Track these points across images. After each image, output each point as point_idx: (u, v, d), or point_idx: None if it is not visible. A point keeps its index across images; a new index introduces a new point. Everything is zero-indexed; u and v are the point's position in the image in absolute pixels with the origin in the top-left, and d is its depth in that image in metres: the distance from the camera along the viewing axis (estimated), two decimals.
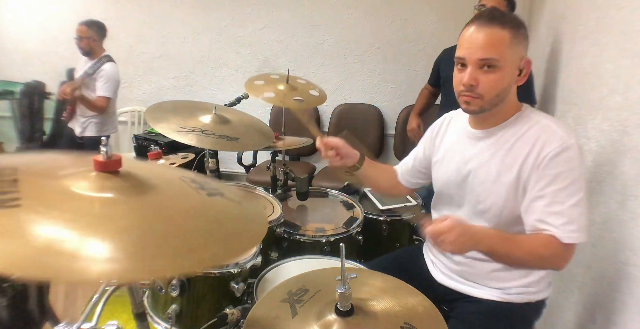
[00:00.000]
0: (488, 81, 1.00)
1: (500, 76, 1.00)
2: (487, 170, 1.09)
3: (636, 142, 1.10)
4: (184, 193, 0.64)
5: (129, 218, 0.53)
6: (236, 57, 3.28)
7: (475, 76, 1.00)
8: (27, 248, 0.43)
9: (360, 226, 1.59)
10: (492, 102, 1.03)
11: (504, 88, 1.02)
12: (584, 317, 1.31)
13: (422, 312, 0.84)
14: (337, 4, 3.02)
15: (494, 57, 0.98)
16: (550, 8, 2.08)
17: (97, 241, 0.47)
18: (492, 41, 0.98)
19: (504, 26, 0.98)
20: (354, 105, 3.19)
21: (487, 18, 1.00)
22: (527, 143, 1.03)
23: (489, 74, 0.99)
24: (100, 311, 0.94)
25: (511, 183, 1.04)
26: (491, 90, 1.01)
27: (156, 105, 1.43)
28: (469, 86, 1.01)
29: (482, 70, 1.00)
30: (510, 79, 1.02)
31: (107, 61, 2.82)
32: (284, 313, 0.83)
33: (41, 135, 3.45)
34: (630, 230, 1.10)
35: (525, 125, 1.06)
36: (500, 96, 1.03)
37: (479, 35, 0.99)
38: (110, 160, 0.57)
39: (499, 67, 0.99)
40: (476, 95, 1.01)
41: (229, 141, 1.35)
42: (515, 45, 0.99)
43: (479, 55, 0.98)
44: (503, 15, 1.01)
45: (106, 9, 3.34)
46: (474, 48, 0.99)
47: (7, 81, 3.50)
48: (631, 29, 1.19)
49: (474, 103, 1.03)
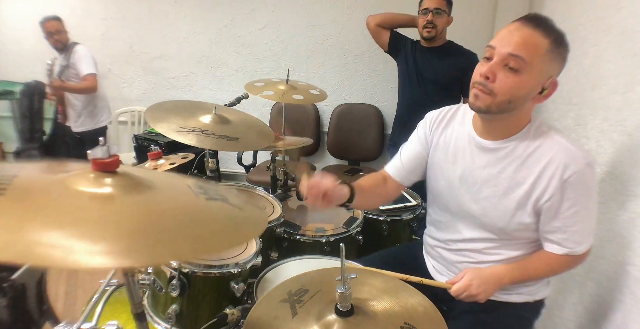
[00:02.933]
0: (506, 81, 0.94)
1: (520, 80, 0.94)
2: (496, 184, 1.06)
3: (636, 142, 1.10)
4: (182, 196, 0.65)
5: (125, 215, 0.53)
6: (236, 57, 3.28)
7: (495, 71, 0.94)
8: (21, 240, 0.44)
9: (360, 226, 1.59)
10: (501, 105, 0.96)
11: (519, 97, 0.96)
12: (584, 317, 1.31)
13: (422, 312, 0.84)
14: (337, 4, 3.02)
15: (522, 56, 0.91)
16: (550, 8, 2.08)
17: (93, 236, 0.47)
18: (528, 42, 0.92)
19: (547, 35, 0.93)
20: (354, 105, 3.19)
21: (534, 20, 0.95)
22: (541, 160, 0.99)
23: (509, 74, 0.94)
24: (100, 311, 0.95)
25: (521, 200, 1.03)
26: (505, 91, 0.95)
27: (156, 105, 1.43)
28: (485, 78, 0.95)
29: (504, 68, 0.94)
30: (529, 90, 0.96)
31: (75, 45, 2.85)
32: (284, 313, 0.83)
33: (41, 135, 3.44)
34: (630, 230, 1.10)
35: (537, 140, 1.01)
36: (512, 103, 0.96)
37: (519, 33, 0.93)
38: (108, 160, 0.57)
39: (523, 71, 0.93)
40: (488, 90, 0.96)
41: (229, 141, 1.35)
42: (549, 59, 0.94)
43: (509, 50, 0.92)
44: (552, 26, 0.95)
45: (106, 9, 3.34)
46: (507, 41, 0.93)
47: (7, 81, 3.50)
48: (631, 29, 1.19)
49: (482, 99, 0.97)
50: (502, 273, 1.08)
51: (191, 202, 0.63)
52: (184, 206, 0.62)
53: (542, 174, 0.99)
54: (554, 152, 0.98)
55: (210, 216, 0.62)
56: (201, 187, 0.69)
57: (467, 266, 1.16)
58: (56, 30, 2.78)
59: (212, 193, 0.68)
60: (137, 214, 0.54)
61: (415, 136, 1.26)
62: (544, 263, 1.07)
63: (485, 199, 1.08)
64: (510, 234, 1.08)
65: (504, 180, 1.04)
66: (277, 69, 3.22)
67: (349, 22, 3.05)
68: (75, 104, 2.91)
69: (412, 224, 1.76)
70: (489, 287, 1.06)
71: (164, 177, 0.74)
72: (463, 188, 1.12)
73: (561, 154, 0.97)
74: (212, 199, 0.65)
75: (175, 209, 0.59)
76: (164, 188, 0.64)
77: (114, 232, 0.48)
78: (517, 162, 1.03)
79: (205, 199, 0.65)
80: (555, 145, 0.99)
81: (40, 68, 3.52)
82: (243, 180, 3.09)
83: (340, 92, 3.22)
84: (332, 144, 3.22)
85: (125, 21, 3.35)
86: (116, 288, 1.13)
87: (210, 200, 0.65)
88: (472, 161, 1.10)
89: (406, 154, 1.26)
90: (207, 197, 0.65)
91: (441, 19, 2.16)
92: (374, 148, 3.15)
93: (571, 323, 1.37)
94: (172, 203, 0.61)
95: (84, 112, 2.93)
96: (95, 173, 0.57)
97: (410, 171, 1.25)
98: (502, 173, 1.05)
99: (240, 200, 0.70)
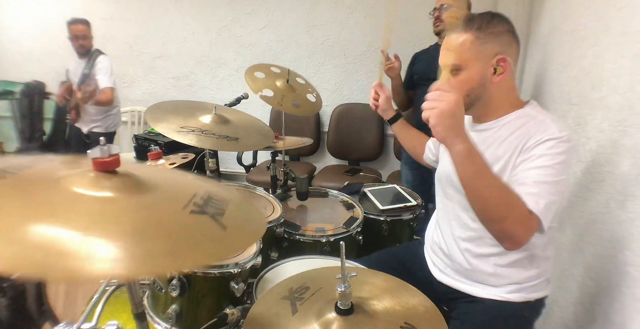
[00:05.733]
0: (456, 83, 1.08)
1: (465, 77, 1.07)
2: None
3: (636, 142, 1.10)
4: (167, 205, 0.61)
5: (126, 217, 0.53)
6: (236, 57, 3.28)
7: (447, 78, 1.09)
8: (25, 247, 0.43)
9: (360, 226, 1.59)
10: (471, 100, 1.09)
11: (473, 88, 1.08)
12: (583, 317, 1.31)
13: (422, 312, 0.84)
14: (337, 4, 3.02)
15: (453, 63, 1.07)
16: (550, 8, 2.08)
17: (97, 240, 0.47)
18: (451, 47, 1.08)
19: (466, 30, 1.06)
20: (354, 105, 3.19)
21: (455, 26, 1.09)
22: (519, 137, 1.05)
23: (455, 77, 1.08)
24: (100, 311, 0.94)
25: (500, 175, 1.05)
26: (459, 91, 1.00)
27: (156, 105, 1.43)
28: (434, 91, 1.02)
29: (452, 73, 1.08)
30: (480, 78, 1.07)
31: (99, 54, 2.82)
32: (284, 310, 0.84)
33: (41, 135, 3.45)
34: (630, 230, 1.10)
35: (521, 121, 1.08)
36: (471, 95, 1.08)
37: (444, 44, 1.10)
38: (109, 159, 0.57)
39: (462, 69, 1.07)
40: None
41: (229, 141, 1.35)
42: (480, 45, 1.04)
43: (443, 62, 1.09)
44: (471, 20, 1.07)
45: (106, 9, 3.34)
46: (441, 55, 1.10)
47: (7, 81, 3.50)
48: (631, 29, 1.19)
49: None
50: (468, 135, 0.95)
51: (173, 213, 0.59)
52: (163, 216, 0.57)
53: (516, 148, 1.04)
54: (532, 127, 1.04)
55: (181, 231, 0.56)
56: (203, 197, 0.65)
57: (469, 260, 1.16)
58: (83, 35, 2.75)
59: (209, 205, 0.63)
60: (126, 220, 0.53)
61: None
62: (501, 183, 0.95)
63: None
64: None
65: (488, 157, 1.03)
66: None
67: (349, 22, 3.05)
68: (89, 112, 2.90)
69: (412, 224, 1.76)
70: (448, 123, 0.92)
71: (170, 177, 0.73)
72: (453, 170, 1.13)
73: (534, 128, 1.03)
74: (199, 213, 0.60)
75: (153, 218, 0.56)
76: (160, 192, 0.62)
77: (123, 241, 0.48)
78: (499, 140, 1.09)
79: (190, 212, 0.59)
80: (536, 123, 1.04)
81: (40, 68, 3.54)
82: (243, 180, 3.09)
83: (340, 92, 3.22)
84: (332, 144, 3.22)
85: (125, 21, 3.35)
86: (116, 288, 1.13)
87: (195, 213, 0.60)
88: None
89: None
90: (195, 210, 0.60)
91: (448, 13, 2.18)
92: (374, 148, 3.15)
93: (571, 323, 1.37)
94: (155, 211, 0.58)
95: (97, 118, 2.94)
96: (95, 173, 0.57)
97: (431, 153, 1.46)
98: (486, 151, 1.09)
99: (235, 219, 0.64)
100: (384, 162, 3.29)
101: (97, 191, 0.55)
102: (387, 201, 1.80)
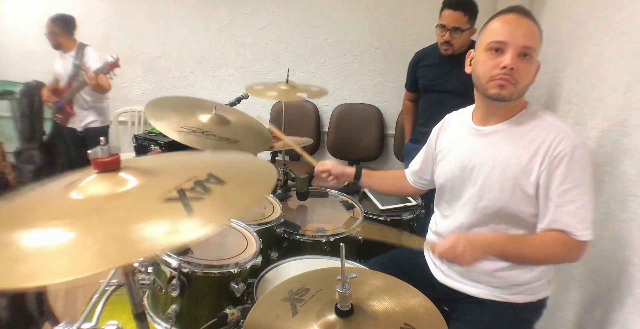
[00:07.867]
0: (526, 69, 1.02)
1: (532, 67, 1.04)
2: (493, 164, 1.09)
3: (636, 142, 1.10)
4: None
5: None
6: (236, 57, 3.28)
7: (515, 61, 1.01)
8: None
9: (360, 226, 1.59)
10: (521, 91, 1.05)
11: (530, 81, 1.06)
12: (584, 317, 1.30)
13: (423, 313, 0.84)
14: (337, 4, 3.02)
15: (532, 46, 1.01)
16: (550, 8, 2.08)
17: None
18: (532, 32, 1.02)
19: (536, 23, 1.04)
20: (354, 105, 3.19)
21: (524, 11, 1.04)
22: (535, 139, 1.04)
23: (526, 63, 1.02)
24: (100, 311, 0.94)
25: (517, 179, 1.05)
26: (525, 79, 1.04)
27: (156, 100, 1.41)
28: (509, 69, 1.01)
29: (520, 57, 1.02)
30: (534, 73, 1.06)
31: (85, 47, 2.91)
32: (285, 311, 0.83)
33: (41, 135, 3.44)
34: (630, 230, 1.10)
35: (532, 122, 1.08)
36: (526, 87, 1.06)
37: (522, 24, 1.02)
38: (109, 159, 0.57)
39: (533, 58, 1.03)
40: (513, 80, 1.02)
41: (229, 143, 1.35)
42: (541, 43, 1.05)
43: (523, 42, 1.00)
44: (533, 15, 1.06)
45: (106, 9, 3.34)
46: (518, 34, 1.01)
47: (7, 81, 3.50)
48: (631, 29, 1.19)
49: (508, 88, 1.03)
50: (492, 239, 1.06)
51: (149, 201, 0.56)
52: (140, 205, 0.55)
53: (536, 152, 1.03)
54: (548, 131, 1.04)
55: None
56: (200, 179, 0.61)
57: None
58: (46, 31, 2.89)
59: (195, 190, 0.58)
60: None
61: (427, 142, 1.37)
62: (538, 241, 1.03)
63: (484, 179, 1.11)
64: (509, 217, 1.08)
65: (501, 160, 1.07)
66: (277, 69, 3.22)
67: (349, 22, 3.05)
68: (86, 99, 2.96)
69: (412, 224, 1.76)
70: (476, 249, 1.00)
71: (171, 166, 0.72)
72: (464, 175, 1.16)
73: (553, 132, 1.03)
74: (173, 199, 0.56)
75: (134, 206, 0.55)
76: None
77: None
78: (514, 141, 1.08)
79: (165, 199, 0.56)
80: (549, 125, 1.05)
81: (40, 68, 3.53)
82: None
83: (340, 92, 3.22)
84: (332, 144, 3.22)
85: (125, 21, 3.35)
86: (116, 288, 1.13)
87: (171, 200, 0.56)
88: (469, 148, 1.16)
89: (415, 161, 1.42)
90: (170, 197, 0.56)
91: (459, 39, 2.00)
92: (374, 148, 3.15)
93: (571, 323, 1.37)
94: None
95: (95, 107, 2.98)
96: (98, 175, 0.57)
97: (420, 174, 1.41)
98: (499, 153, 1.09)
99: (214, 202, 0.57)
100: (384, 162, 3.29)
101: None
102: (387, 201, 1.80)
